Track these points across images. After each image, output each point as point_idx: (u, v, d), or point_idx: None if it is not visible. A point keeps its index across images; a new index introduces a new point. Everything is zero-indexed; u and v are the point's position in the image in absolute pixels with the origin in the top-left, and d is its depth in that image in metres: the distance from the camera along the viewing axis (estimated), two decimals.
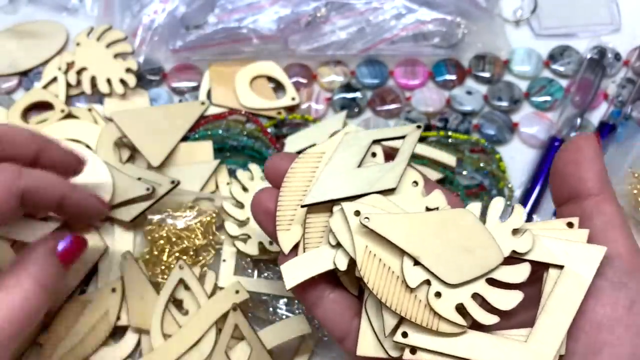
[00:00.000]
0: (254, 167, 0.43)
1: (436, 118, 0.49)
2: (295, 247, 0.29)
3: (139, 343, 0.40)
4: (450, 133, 0.47)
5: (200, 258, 0.42)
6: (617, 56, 0.51)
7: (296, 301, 0.41)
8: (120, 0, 0.53)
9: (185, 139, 0.47)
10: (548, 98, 0.50)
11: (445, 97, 0.50)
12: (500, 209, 0.27)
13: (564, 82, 0.51)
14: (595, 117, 0.49)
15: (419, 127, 0.31)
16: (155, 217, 0.43)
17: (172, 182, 0.42)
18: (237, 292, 0.39)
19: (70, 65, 0.50)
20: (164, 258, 0.42)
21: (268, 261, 0.42)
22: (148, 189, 0.42)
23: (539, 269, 0.26)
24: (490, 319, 0.25)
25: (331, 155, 0.30)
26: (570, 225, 0.27)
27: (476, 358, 0.25)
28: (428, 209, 0.28)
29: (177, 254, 0.42)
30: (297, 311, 0.41)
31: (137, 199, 0.42)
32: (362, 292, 0.28)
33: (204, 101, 0.49)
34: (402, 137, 0.30)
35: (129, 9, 0.53)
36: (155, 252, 0.42)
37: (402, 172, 0.29)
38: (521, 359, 0.24)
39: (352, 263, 0.27)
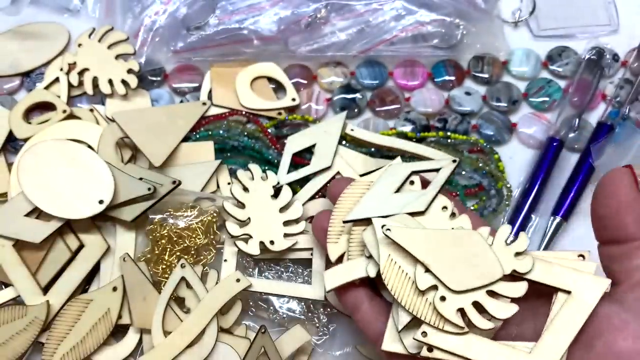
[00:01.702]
0: (254, 167, 0.43)
1: (435, 119, 0.49)
2: (341, 257, 0.35)
3: (140, 342, 0.40)
4: (449, 133, 0.47)
5: (202, 257, 0.43)
6: (615, 57, 0.51)
7: (296, 301, 0.41)
8: (122, 2, 0.54)
9: (186, 139, 0.47)
10: (546, 99, 0.50)
11: (444, 97, 0.50)
12: (507, 233, 0.31)
13: (562, 83, 0.51)
14: (594, 117, 0.49)
15: (454, 161, 0.36)
16: (157, 217, 0.43)
17: (174, 182, 0.43)
18: (237, 280, 0.39)
19: (72, 66, 0.50)
20: (166, 257, 0.42)
21: (269, 261, 0.43)
22: (149, 189, 0.42)
23: (541, 292, 0.30)
24: (486, 324, 0.29)
25: (374, 182, 0.36)
26: (581, 257, 0.30)
27: None
28: None
29: (178, 254, 0.42)
30: (296, 310, 0.41)
31: (138, 198, 0.42)
32: None
33: (205, 102, 0.49)
34: (438, 170, 0.36)
35: (130, 11, 0.53)
36: (157, 252, 0.42)
37: (431, 198, 0.34)
38: None
39: None
